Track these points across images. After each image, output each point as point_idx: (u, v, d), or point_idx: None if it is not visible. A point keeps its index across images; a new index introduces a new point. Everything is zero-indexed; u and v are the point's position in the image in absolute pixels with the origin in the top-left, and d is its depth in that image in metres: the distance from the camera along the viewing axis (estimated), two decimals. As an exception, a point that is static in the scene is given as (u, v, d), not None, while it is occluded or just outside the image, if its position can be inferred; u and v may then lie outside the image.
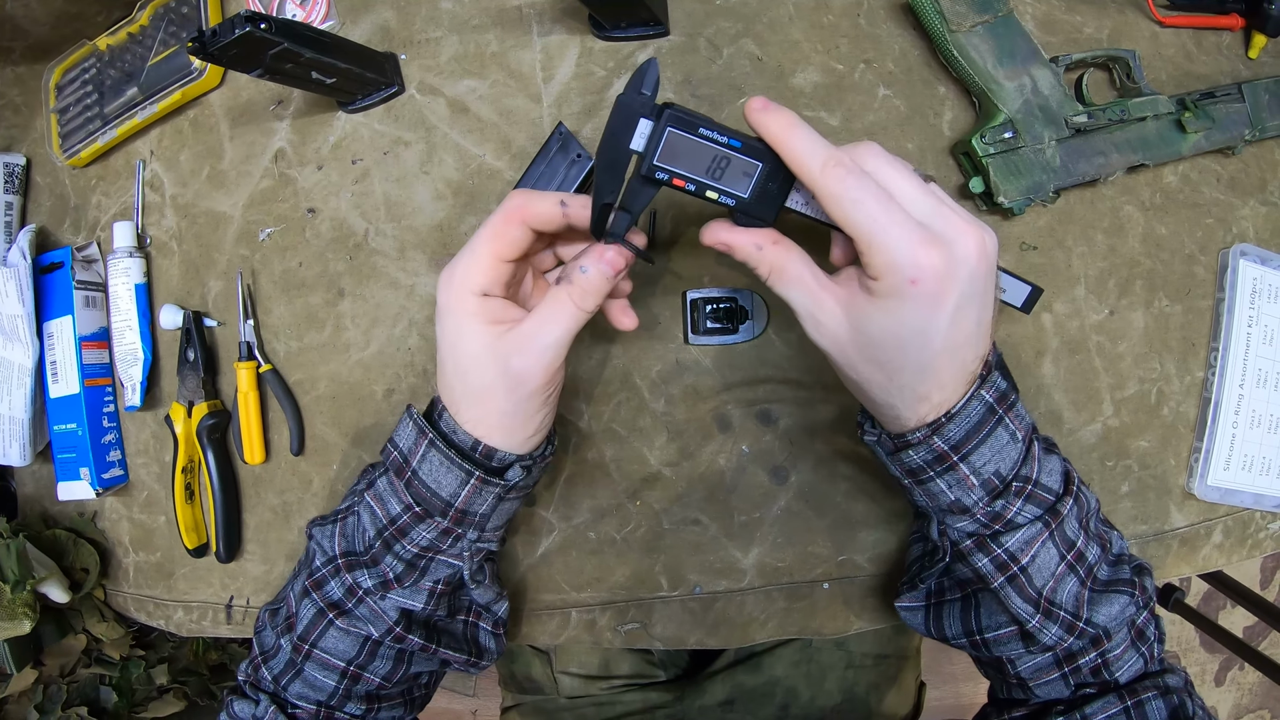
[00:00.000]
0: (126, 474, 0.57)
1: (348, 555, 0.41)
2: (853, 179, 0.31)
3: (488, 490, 0.38)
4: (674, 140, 0.33)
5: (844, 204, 0.31)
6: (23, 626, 0.53)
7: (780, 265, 0.35)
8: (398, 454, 0.39)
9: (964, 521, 0.36)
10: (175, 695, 0.69)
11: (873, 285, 0.32)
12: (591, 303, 0.36)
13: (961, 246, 0.31)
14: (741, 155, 0.34)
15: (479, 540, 0.40)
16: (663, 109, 0.33)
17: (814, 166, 0.31)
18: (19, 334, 0.55)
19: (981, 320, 0.33)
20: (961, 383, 0.33)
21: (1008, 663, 0.40)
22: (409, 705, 0.46)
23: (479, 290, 0.36)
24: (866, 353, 0.33)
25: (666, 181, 0.34)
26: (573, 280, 0.35)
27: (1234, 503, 0.52)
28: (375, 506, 0.40)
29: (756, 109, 0.32)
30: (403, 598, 0.40)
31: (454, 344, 0.36)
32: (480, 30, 0.51)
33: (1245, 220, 0.51)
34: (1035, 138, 0.46)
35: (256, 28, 0.39)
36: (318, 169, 0.52)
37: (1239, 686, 1.46)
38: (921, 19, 0.47)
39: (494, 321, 0.36)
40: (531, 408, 0.37)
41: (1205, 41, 0.52)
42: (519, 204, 0.36)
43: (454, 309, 0.36)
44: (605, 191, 0.35)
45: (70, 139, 0.57)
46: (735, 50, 0.49)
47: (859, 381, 0.35)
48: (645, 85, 0.33)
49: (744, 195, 0.34)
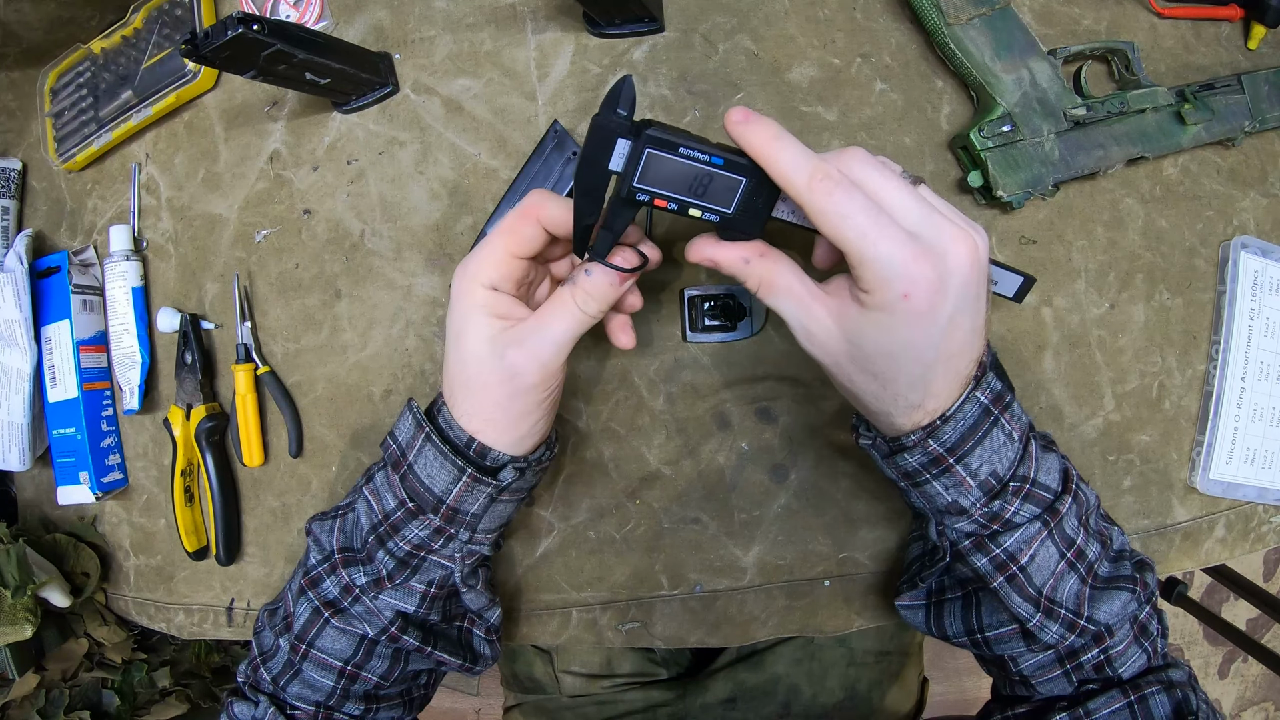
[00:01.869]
0: (126, 478, 0.57)
1: (345, 551, 0.41)
2: (840, 193, 0.30)
3: (479, 490, 0.38)
4: (654, 160, 0.32)
5: (832, 219, 0.30)
6: (24, 631, 0.53)
7: (769, 278, 0.34)
8: (396, 447, 0.39)
9: (962, 522, 0.36)
10: (177, 698, 0.69)
11: (864, 298, 0.31)
12: (594, 306, 0.36)
13: (954, 256, 0.30)
14: (724, 172, 0.33)
15: (470, 542, 0.40)
16: (641, 128, 0.32)
17: (799, 181, 0.30)
18: (17, 339, 0.55)
19: (975, 326, 0.32)
20: (955, 388, 0.33)
21: (1010, 661, 0.40)
22: (408, 706, 0.46)
23: (489, 283, 0.36)
24: (859, 363, 0.33)
25: (647, 202, 0.33)
26: (576, 282, 0.36)
27: (1236, 496, 0.51)
28: (372, 501, 0.40)
29: (737, 121, 0.31)
30: (396, 598, 0.40)
31: (459, 332, 0.37)
32: (474, 29, 0.50)
33: (1246, 212, 0.51)
34: (1034, 131, 0.46)
35: (249, 29, 0.39)
36: (313, 170, 0.52)
37: (1243, 679, 1.46)
38: (918, 12, 0.46)
39: (499, 316, 0.36)
40: (525, 406, 0.37)
41: (1204, 33, 0.51)
42: (535, 202, 0.36)
43: (463, 298, 0.37)
44: (585, 214, 0.34)
45: (65, 143, 0.56)
46: (731, 46, 0.49)
47: (853, 390, 0.35)
48: (621, 104, 0.31)
49: (728, 211, 0.33)
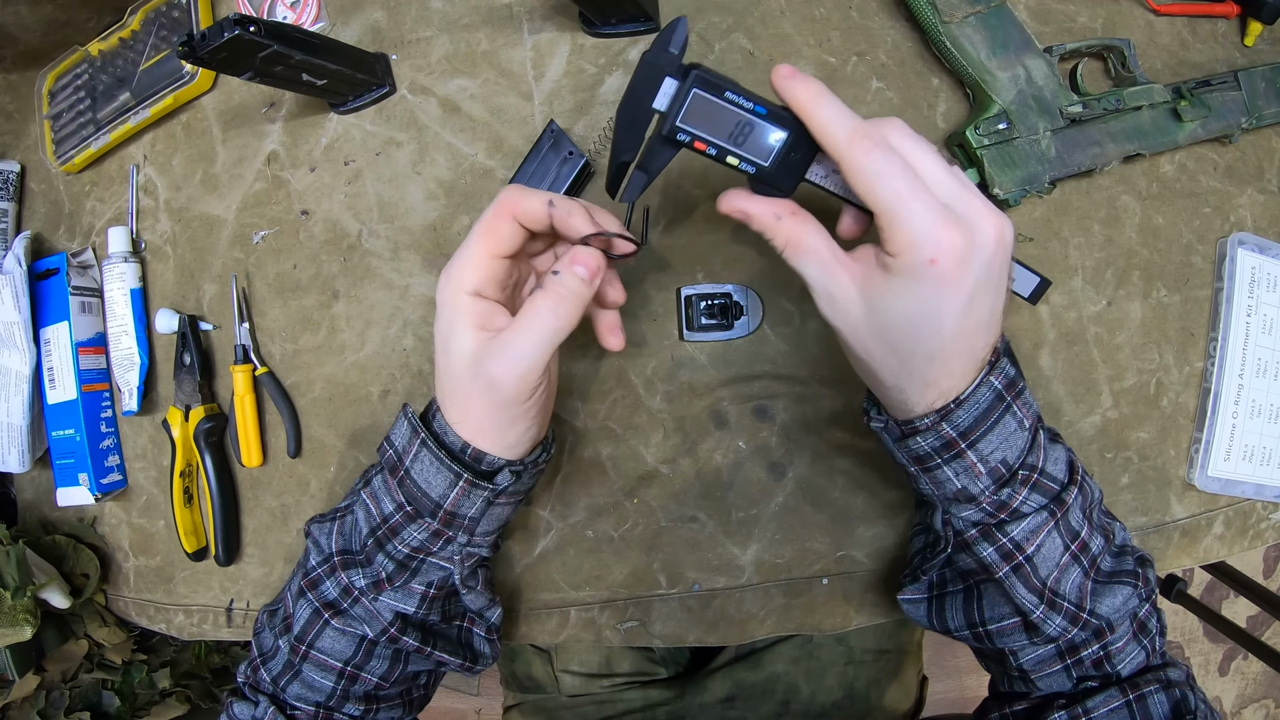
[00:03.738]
0: (125, 479, 0.57)
1: (344, 554, 0.41)
2: (879, 152, 0.30)
3: (476, 493, 0.38)
4: (698, 102, 0.32)
5: (869, 177, 0.30)
6: (24, 633, 0.53)
7: (797, 238, 0.34)
8: (393, 452, 0.39)
9: (969, 510, 0.36)
10: (177, 699, 0.69)
11: (890, 262, 0.31)
12: (567, 310, 0.35)
13: (983, 232, 0.31)
14: (766, 122, 0.33)
15: (469, 545, 0.40)
16: (689, 69, 0.32)
17: (841, 137, 0.31)
18: (15, 341, 0.55)
19: (994, 309, 0.33)
20: (971, 370, 0.33)
21: (1010, 654, 0.40)
22: (407, 706, 0.46)
23: (472, 289, 0.36)
24: (879, 333, 0.33)
25: (688, 144, 0.33)
26: (546, 286, 0.35)
27: (1235, 493, 0.51)
28: (370, 504, 0.40)
29: (784, 76, 0.32)
30: (395, 600, 0.40)
31: (445, 341, 0.36)
32: (470, 29, 0.50)
33: (1243, 209, 0.51)
34: (1030, 128, 0.46)
35: (246, 31, 0.39)
36: (310, 171, 0.52)
37: (1243, 676, 1.46)
38: (914, 10, 0.46)
39: (482, 326, 0.35)
40: (509, 416, 0.36)
41: (1200, 29, 0.51)
42: (509, 199, 0.36)
43: (448, 306, 0.36)
44: (623, 149, 0.34)
45: (64, 145, 0.57)
46: (727, 45, 0.49)
47: (869, 363, 0.34)
48: (673, 44, 0.32)
49: (765, 164, 0.34)
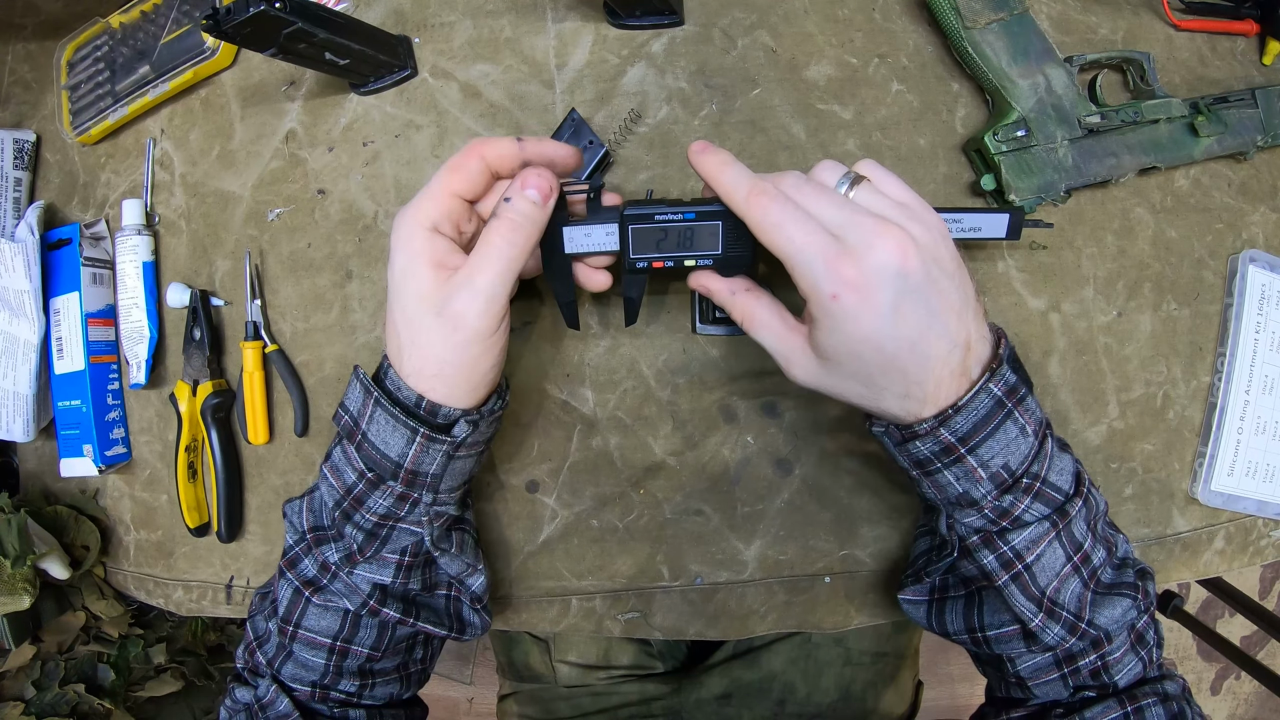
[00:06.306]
0: (129, 452, 0.57)
1: (315, 530, 0.41)
2: (772, 203, 0.33)
3: (435, 448, 0.37)
4: (638, 234, 0.38)
5: (767, 229, 0.33)
6: (22, 602, 0.53)
7: (750, 312, 0.37)
8: (349, 417, 0.38)
9: (972, 516, 0.36)
10: (173, 675, 0.69)
11: (809, 308, 0.34)
12: (523, 236, 0.35)
13: (877, 251, 0.31)
14: (699, 221, 0.37)
15: (435, 504, 0.40)
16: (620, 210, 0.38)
17: (739, 198, 0.34)
18: (25, 309, 0.55)
19: (934, 311, 0.32)
20: (946, 374, 0.33)
21: (1007, 661, 0.40)
22: (405, 682, 0.46)
23: (429, 223, 0.36)
24: (836, 372, 0.35)
25: (648, 269, 0.39)
26: (499, 214, 0.35)
27: (1237, 509, 0.51)
28: (331, 478, 0.39)
29: (696, 151, 0.36)
30: (370, 572, 0.40)
31: (400, 285, 0.36)
32: (494, 15, 0.50)
33: (1255, 226, 0.51)
34: (1048, 137, 0.46)
35: (271, 6, 0.39)
36: (328, 150, 0.52)
37: (1235, 696, 1.46)
38: (937, 15, 0.47)
39: (438, 265, 0.35)
40: (473, 355, 0.36)
41: (1220, 46, 0.52)
42: (479, 140, 0.37)
43: (403, 246, 0.36)
44: (561, 295, 0.41)
45: (81, 116, 0.57)
46: (750, 41, 0.49)
47: (846, 397, 0.36)
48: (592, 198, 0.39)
49: (719, 253, 0.38)
